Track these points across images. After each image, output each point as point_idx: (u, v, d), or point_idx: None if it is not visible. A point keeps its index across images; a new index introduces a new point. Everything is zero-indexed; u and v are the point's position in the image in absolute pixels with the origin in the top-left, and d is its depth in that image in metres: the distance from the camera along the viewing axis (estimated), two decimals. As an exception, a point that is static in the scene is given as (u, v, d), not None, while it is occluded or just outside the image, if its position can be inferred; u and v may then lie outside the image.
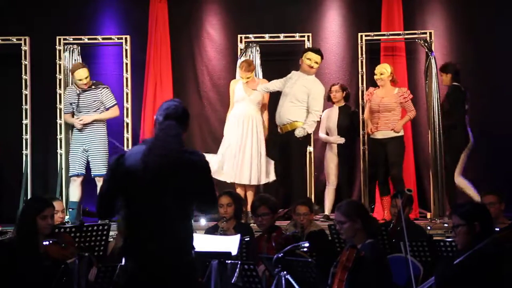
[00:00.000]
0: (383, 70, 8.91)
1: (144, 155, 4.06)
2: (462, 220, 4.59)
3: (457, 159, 8.92)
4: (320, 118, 8.89)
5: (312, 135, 9.16)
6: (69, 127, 9.28)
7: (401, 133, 8.86)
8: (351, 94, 9.50)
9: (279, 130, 8.81)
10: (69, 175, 8.96)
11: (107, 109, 8.87)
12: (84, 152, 8.77)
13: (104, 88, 8.89)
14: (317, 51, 8.72)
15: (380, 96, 8.89)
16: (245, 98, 8.78)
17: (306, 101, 8.55)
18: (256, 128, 8.75)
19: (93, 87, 8.84)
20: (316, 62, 8.63)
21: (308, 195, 8.97)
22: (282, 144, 8.68)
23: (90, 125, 8.77)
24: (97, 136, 8.80)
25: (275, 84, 8.80)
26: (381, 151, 8.86)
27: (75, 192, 8.83)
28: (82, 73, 8.73)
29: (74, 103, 8.84)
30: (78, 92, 8.82)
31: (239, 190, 8.60)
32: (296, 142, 8.55)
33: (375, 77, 8.96)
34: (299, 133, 8.49)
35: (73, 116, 8.94)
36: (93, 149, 8.75)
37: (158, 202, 4.05)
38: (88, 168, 8.86)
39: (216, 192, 4.32)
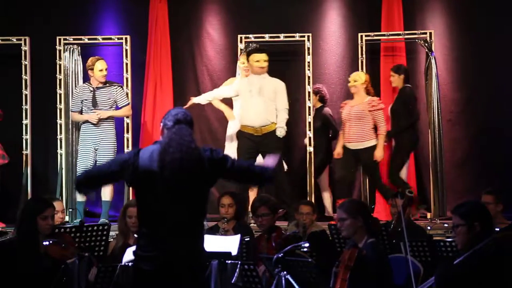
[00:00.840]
0: (357, 77, 8.75)
1: (161, 154, 4.12)
2: (462, 220, 4.59)
3: (403, 162, 8.90)
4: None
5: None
6: (74, 126, 9.27)
7: (374, 142, 8.62)
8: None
9: (242, 129, 8.46)
10: (78, 175, 8.88)
11: (119, 108, 8.88)
12: (94, 151, 8.74)
13: (118, 86, 8.92)
14: (261, 50, 8.52)
15: (350, 105, 8.73)
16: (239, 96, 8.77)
17: (274, 101, 8.44)
18: None
19: (107, 84, 8.84)
20: (265, 61, 8.40)
21: (308, 195, 8.97)
22: (260, 146, 8.32)
23: (100, 123, 8.75)
24: (107, 135, 8.76)
25: (225, 92, 8.68)
26: (352, 160, 8.70)
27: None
28: (103, 64, 8.77)
29: (86, 100, 8.79)
30: (91, 89, 8.82)
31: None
32: (281, 142, 8.42)
33: (349, 84, 8.82)
34: (280, 133, 8.34)
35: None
36: (103, 147, 8.71)
37: (176, 200, 4.11)
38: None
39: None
